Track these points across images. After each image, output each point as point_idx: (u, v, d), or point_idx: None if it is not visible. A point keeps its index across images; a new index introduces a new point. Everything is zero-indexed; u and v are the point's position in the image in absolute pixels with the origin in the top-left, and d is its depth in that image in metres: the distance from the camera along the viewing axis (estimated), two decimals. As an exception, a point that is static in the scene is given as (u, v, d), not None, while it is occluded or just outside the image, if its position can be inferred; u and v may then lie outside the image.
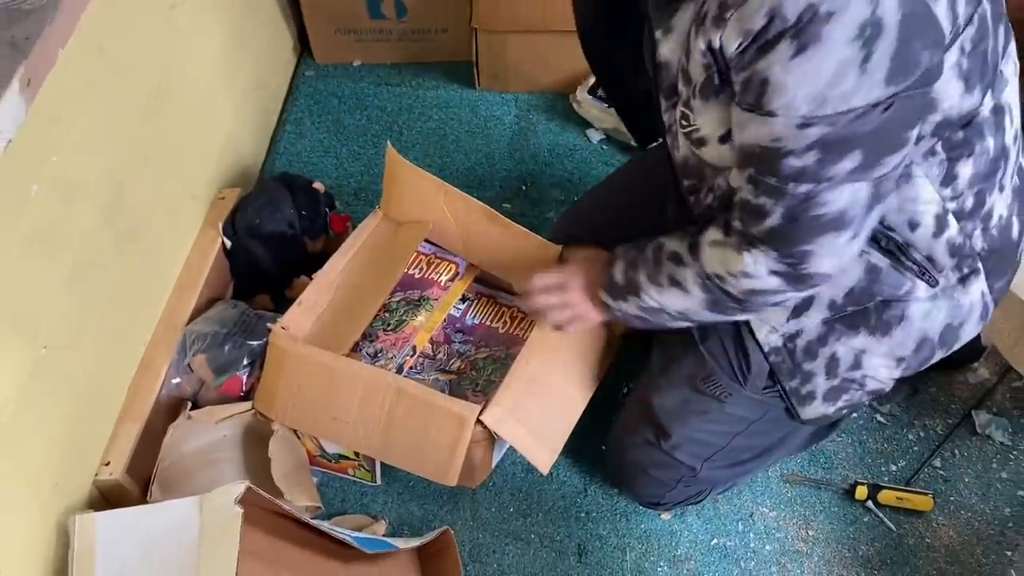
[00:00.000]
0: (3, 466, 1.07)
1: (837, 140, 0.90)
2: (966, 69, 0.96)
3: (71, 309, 1.21)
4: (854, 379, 1.21)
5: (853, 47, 0.84)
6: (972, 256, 1.13)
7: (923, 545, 1.41)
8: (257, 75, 1.87)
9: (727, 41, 0.91)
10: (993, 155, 1.06)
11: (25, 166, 1.07)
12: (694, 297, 1.11)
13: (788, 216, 0.97)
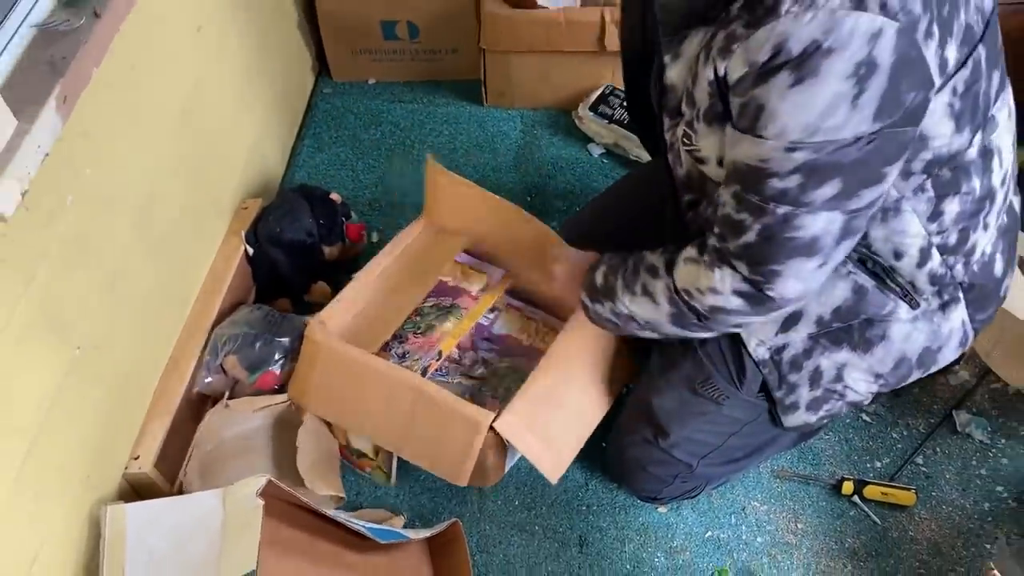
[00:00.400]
0: (38, 460, 1.07)
1: (820, 167, 0.91)
2: (958, 109, 0.96)
3: (103, 312, 1.21)
4: (835, 390, 1.22)
5: (848, 83, 0.85)
6: (953, 286, 1.14)
7: (906, 538, 1.41)
8: (278, 93, 1.87)
9: (732, 70, 0.92)
10: (979, 195, 1.07)
11: (61, 178, 1.08)
12: (661, 309, 1.12)
13: (764, 234, 0.97)
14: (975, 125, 1.00)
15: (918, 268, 1.10)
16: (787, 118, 0.88)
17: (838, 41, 0.84)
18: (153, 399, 1.37)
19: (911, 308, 1.15)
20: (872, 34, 0.83)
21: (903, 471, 1.48)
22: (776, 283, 1.00)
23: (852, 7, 0.83)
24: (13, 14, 1.07)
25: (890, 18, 0.83)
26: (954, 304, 1.17)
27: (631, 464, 1.41)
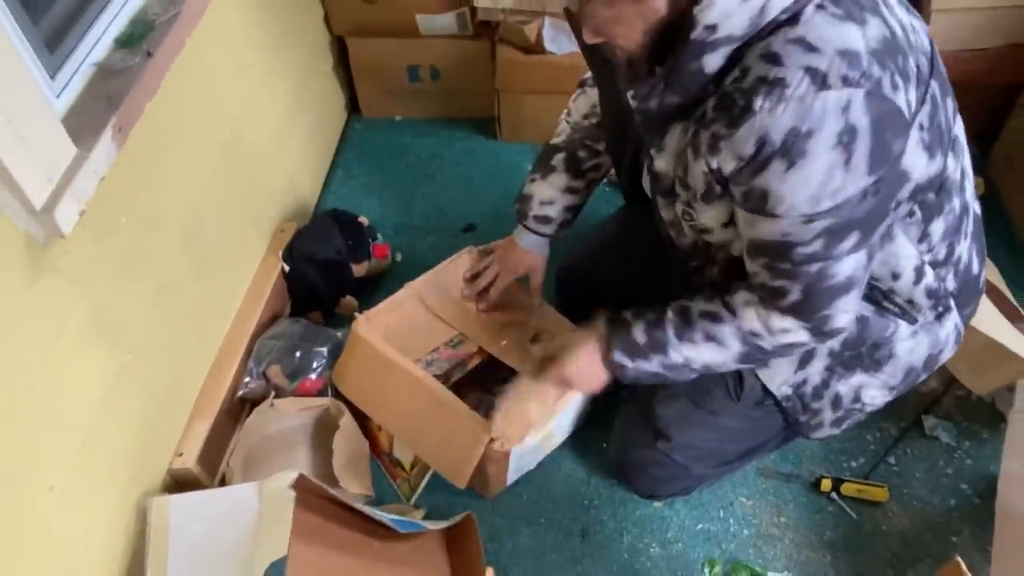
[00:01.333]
0: (91, 455, 1.07)
1: (838, 227, 0.91)
2: (927, 141, 0.96)
3: (152, 322, 1.21)
4: (855, 408, 1.23)
5: (835, 152, 0.85)
6: (946, 296, 1.15)
7: (880, 531, 1.39)
8: (314, 127, 1.88)
9: (723, 164, 0.92)
10: (959, 211, 1.08)
11: (115, 200, 1.08)
12: (730, 350, 1.09)
13: (806, 291, 0.98)
14: (943, 149, 1.00)
15: (915, 286, 1.11)
16: (792, 197, 0.89)
17: (813, 123, 0.84)
18: (197, 402, 1.37)
19: (910, 324, 1.16)
20: (842, 107, 0.83)
21: (876, 470, 1.46)
22: (831, 323, 1.02)
23: (818, 89, 0.83)
24: (76, 53, 1.08)
25: (854, 87, 0.83)
26: (948, 313, 1.17)
27: (632, 465, 1.39)
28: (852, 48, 0.83)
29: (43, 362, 0.96)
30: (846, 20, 0.85)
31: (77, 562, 1.05)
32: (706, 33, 0.85)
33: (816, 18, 0.84)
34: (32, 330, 0.94)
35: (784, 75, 0.83)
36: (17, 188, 0.87)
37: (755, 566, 1.35)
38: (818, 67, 0.83)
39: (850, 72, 0.83)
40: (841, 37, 0.84)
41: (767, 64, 0.84)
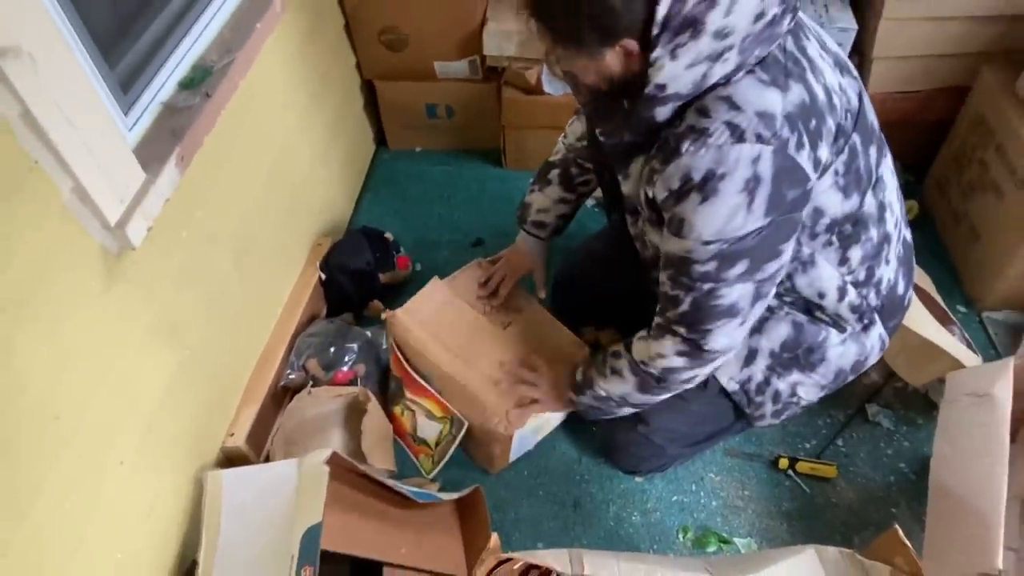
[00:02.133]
0: (155, 435, 1.08)
1: (730, 254, 0.93)
2: (843, 185, 0.98)
3: (208, 322, 1.21)
4: (792, 402, 1.23)
5: (741, 196, 0.88)
6: (869, 311, 1.15)
7: (830, 503, 1.39)
8: (347, 157, 1.89)
9: (657, 193, 0.94)
10: (877, 240, 1.08)
11: (178, 218, 1.08)
12: (628, 381, 1.13)
13: (694, 305, 0.99)
14: (862, 189, 1.01)
15: (839, 302, 1.11)
16: (701, 226, 0.90)
17: (727, 167, 0.86)
18: (245, 390, 1.37)
19: (840, 333, 1.16)
20: (753, 158, 0.85)
21: (827, 451, 1.46)
22: (709, 339, 1.02)
23: (735, 141, 0.85)
24: (145, 94, 1.09)
25: (765, 144, 0.85)
26: (872, 325, 1.17)
27: (617, 445, 1.40)
28: (769, 111, 0.86)
29: (115, 356, 0.97)
30: (770, 86, 0.87)
31: (142, 525, 1.06)
32: (656, 90, 0.87)
33: (745, 81, 0.87)
34: (106, 329, 0.95)
35: (709, 126, 0.86)
36: (95, 207, 0.88)
37: (722, 533, 1.35)
38: (738, 123, 0.85)
39: (763, 131, 0.85)
40: (762, 100, 0.86)
41: (698, 116, 0.87)
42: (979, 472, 1.11)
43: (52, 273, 0.84)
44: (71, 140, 0.82)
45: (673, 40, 0.82)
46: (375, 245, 1.66)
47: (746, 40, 0.84)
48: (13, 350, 0.79)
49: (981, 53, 1.68)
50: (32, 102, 0.76)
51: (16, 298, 0.79)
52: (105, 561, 0.97)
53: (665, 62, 0.84)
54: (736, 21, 0.82)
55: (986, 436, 1.15)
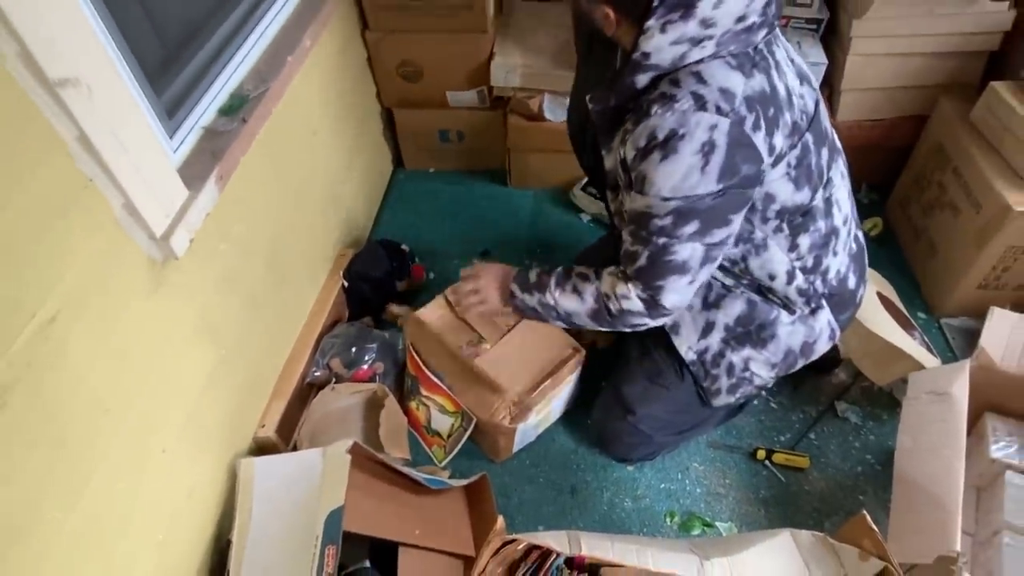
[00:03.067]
0: (194, 426, 1.08)
1: (685, 211, 0.93)
2: (794, 176, 0.99)
3: (243, 325, 1.21)
4: (745, 378, 1.22)
5: (696, 157, 0.89)
6: (817, 296, 1.15)
7: (803, 491, 1.38)
8: (368, 176, 1.89)
9: (627, 154, 0.95)
10: (825, 232, 1.09)
11: (217, 231, 1.09)
12: (585, 304, 1.08)
13: (650, 259, 0.98)
14: (813, 185, 1.02)
15: (787, 285, 1.11)
16: (660, 182, 0.91)
17: (687, 129, 0.88)
18: (275, 385, 1.37)
19: (790, 314, 1.16)
20: (711, 125, 0.87)
21: (800, 443, 1.45)
22: (662, 295, 1.01)
23: (697, 109, 0.87)
24: (188, 119, 1.10)
25: (723, 116, 0.87)
26: (820, 310, 1.17)
27: (609, 435, 1.39)
28: (731, 89, 0.88)
29: (159, 354, 0.97)
30: (735, 70, 0.89)
31: (182, 508, 1.06)
32: (641, 57, 0.89)
33: (715, 63, 0.89)
34: (152, 330, 0.95)
35: (676, 93, 0.89)
36: (143, 221, 0.88)
37: (705, 517, 1.34)
38: (702, 94, 0.88)
39: (723, 104, 0.87)
40: (726, 79, 0.88)
41: (669, 85, 0.90)
42: (939, 463, 1.11)
43: (104, 280, 0.84)
44: (122, 161, 0.82)
45: (667, 15, 0.85)
46: (393, 256, 1.66)
47: (725, 35, 0.87)
48: (69, 350, 0.79)
49: (939, 85, 1.69)
50: (87, 127, 0.76)
51: (71, 302, 0.79)
52: (148, 542, 0.97)
53: (655, 33, 0.87)
54: (721, 16, 0.85)
55: (945, 431, 1.14)
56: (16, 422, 0.72)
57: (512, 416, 1.29)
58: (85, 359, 0.82)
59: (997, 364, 1.27)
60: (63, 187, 0.77)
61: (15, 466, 0.73)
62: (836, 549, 0.99)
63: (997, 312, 1.31)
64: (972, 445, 1.29)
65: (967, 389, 1.18)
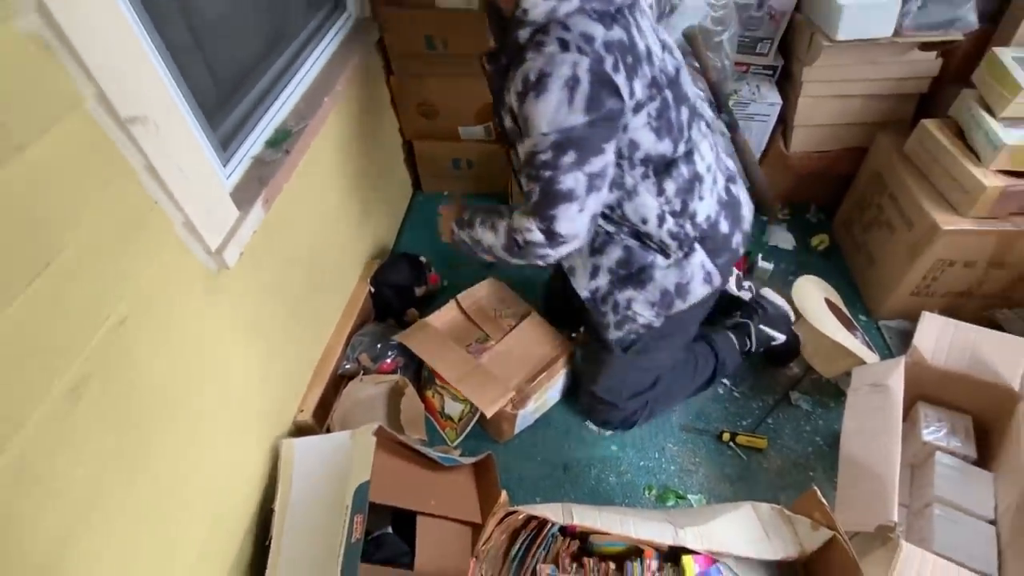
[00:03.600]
0: (244, 411, 1.07)
1: (561, 142, 0.90)
2: (655, 127, 0.97)
3: (284, 325, 1.21)
4: (629, 316, 1.18)
5: (563, 92, 0.87)
6: (688, 240, 1.11)
7: (762, 468, 1.37)
8: (391, 198, 1.89)
9: (512, 101, 0.93)
10: (688, 178, 1.05)
11: (263, 245, 1.08)
12: (500, 238, 1.05)
13: (541, 192, 0.95)
14: (673, 138, 1.00)
15: (659, 228, 1.08)
16: (538, 119, 0.89)
17: (552, 68, 0.86)
18: (312, 376, 1.36)
19: (665, 258, 1.12)
20: (574, 63, 0.86)
21: (760, 427, 1.44)
22: (555, 224, 0.96)
23: (560, 51, 0.86)
24: (240, 150, 1.10)
25: (583, 55, 0.86)
26: (692, 253, 1.12)
27: (587, 406, 1.40)
28: (591, 34, 0.87)
29: (213, 350, 0.97)
30: (596, 21, 0.89)
31: (235, 480, 1.05)
32: (521, 14, 0.89)
33: (579, 15, 0.88)
34: (207, 329, 0.95)
35: (544, 39, 0.87)
36: (200, 237, 0.88)
37: (679, 490, 1.34)
38: (565, 39, 0.87)
39: (583, 46, 0.86)
40: (587, 27, 0.88)
41: (541, 35, 0.88)
42: (878, 445, 1.10)
43: (166, 287, 0.84)
44: (183, 186, 0.82)
45: None
46: (412, 266, 1.65)
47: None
48: (136, 347, 0.78)
49: (876, 123, 1.69)
50: (154, 157, 0.76)
51: (139, 306, 0.78)
52: (204, 511, 0.96)
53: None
54: None
55: (883, 417, 1.13)
56: (91, 410, 0.72)
57: (513, 404, 1.29)
58: (150, 355, 0.81)
59: (928, 360, 1.26)
60: (133, 208, 0.76)
61: (92, 448, 0.72)
62: (791, 519, 0.98)
63: (927, 316, 1.31)
64: (907, 430, 1.28)
65: (902, 382, 1.17)
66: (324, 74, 1.36)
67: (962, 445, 1.24)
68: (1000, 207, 1.37)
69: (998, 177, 1.35)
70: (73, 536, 0.70)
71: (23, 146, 0.61)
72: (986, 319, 1.55)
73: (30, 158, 0.62)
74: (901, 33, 1.46)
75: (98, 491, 0.74)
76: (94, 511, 0.73)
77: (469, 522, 1.18)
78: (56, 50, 0.63)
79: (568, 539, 0.97)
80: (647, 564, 0.93)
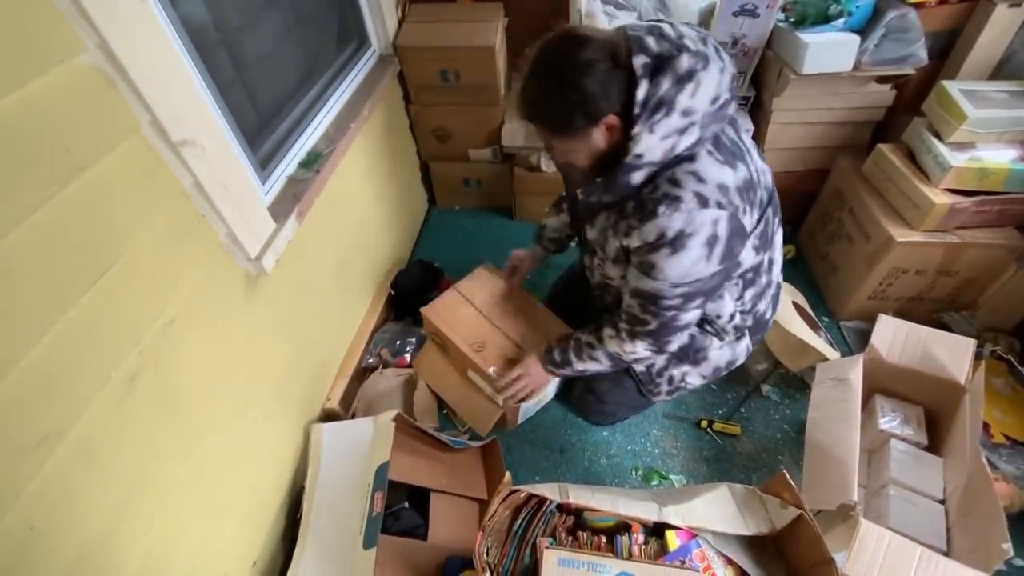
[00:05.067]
0: (277, 400, 1.07)
1: (692, 293, 0.89)
2: (757, 245, 0.95)
3: (315, 323, 1.21)
4: (680, 386, 1.20)
5: (703, 249, 0.83)
6: (743, 329, 1.13)
7: (736, 452, 1.36)
8: (409, 213, 1.88)
9: (631, 244, 0.89)
10: (764, 285, 1.05)
11: (296, 253, 1.08)
12: (603, 364, 1.08)
13: (661, 325, 0.95)
14: (764, 249, 0.98)
15: (728, 323, 1.09)
16: (669, 271, 0.85)
17: (695, 228, 0.81)
18: (339, 369, 1.36)
19: (720, 341, 1.13)
20: (714, 221, 0.81)
21: (734, 415, 1.43)
22: (668, 346, 1.00)
23: (700, 207, 0.80)
24: (276, 170, 1.09)
25: (723, 210, 0.81)
26: (743, 337, 1.15)
27: (586, 412, 1.39)
28: (726, 183, 0.81)
29: (252, 345, 0.97)
30: (724, 165, 0.82)
31: (268, 460, 1.05)
32: (635, 159, 0.82)
33: (706, 160, 0.82)
34: (247, 327, 0.95)
35: (681, 195, 0.81)
36: (241, 246, 0.88)
37: (662, 472, 1.32)
38: (703, 193, 0.80)
39: (722, 199, 0.81)
40: (720, 175, 0.81)
41: (671, 185, 0.82)
42: (840, 433, 1.09)
43: (211, 290, 0.84)
44: (227, 201, 0.82)
45: (651, 118, 0.77)
46: (428, 272, 1.65)
47: (705, 117, 0.79)
48: (184, 344, 0.78)
49: (837, 146, 1.67)
50: (201, 175, 0.76)
51: (186, 308, 0.78)
52: (243, 487, 0.96)
53: (644, 135, 0.78)
54: (698, 103, 0.78)
55: (844, 408, 1.12)
56: (144, 398, 0.72)
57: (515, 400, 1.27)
58: (196, 351, 0.81)
59: (884, 357, 1.25)
60: (182, 221, 0.76)
61: (144, 430, 0.72)
62: (763, 499, 0.97)
63: (883, 318, 1.30)
64: (865, 419, 1.27)
65: (861, 376, 1.16)
66: (350, 103, 1.36)
67: (914, 433, 1.22)
68: (947, 221, 1.36)
69: (946, 195, 1.34)
70: (128, 508, 0.70)
71: (84, 168, 0.61)
72: (935, 321, 1.53)
73: (91, 177, 0.62)
74: (860, 68, 1.46)
75: (150, 469, 0.74)
76: (148, 485, 0.73)
77: (477, 499, 1.17)
78: (116, 82, 0.64)
79: (564, 515, 0.96)
80: (635, 538, 0.92)
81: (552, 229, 1.34)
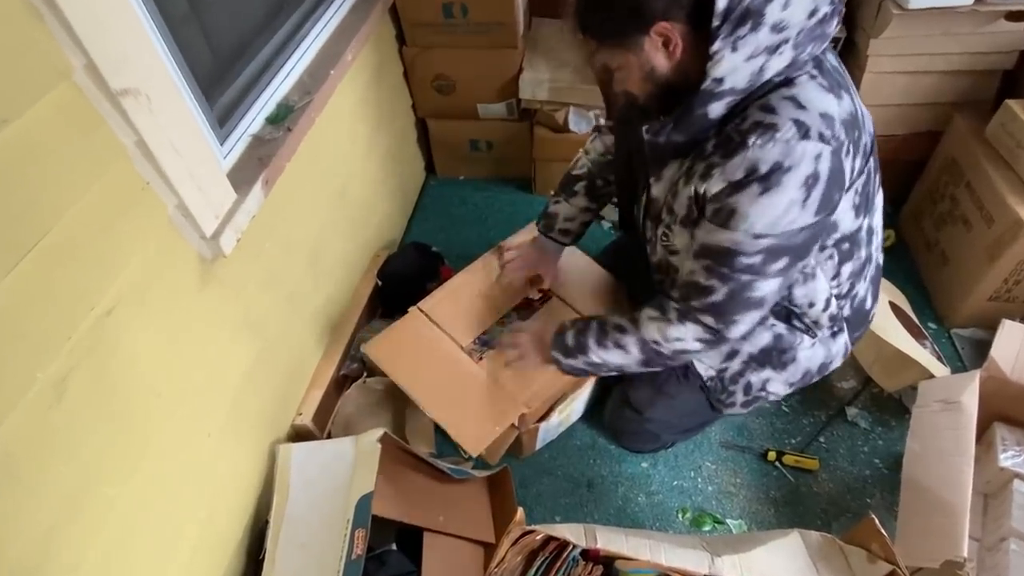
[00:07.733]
0: (237, 413, 1.09)
1: (777, 249, 0.86)
2: (856, 204, 0.93)
3: (284, 319, 1.22)
4: (761, 396, 1.18)
5: (800, 192, 0.81)
6: (841, 320, 1.11)
7: (812, 492, 1.35)
8: (402, 183, 1.90)
9: (711, 187, 0.86)
10: (863, 259, 1.03)
11: (262, 231, 1.10)
12: (632, 356, 1.04)
13: (729, 295, 0.91)
14: (865, 212, 0.96)
15: (823, 312, 1.07)
16: (755, 217, 0.83)
17: (793, 161, 0.79)
18: (312, 377, 1.38)
19: (811, 338, 1.11)
20: (816, 155, 0.79)
21: (810, 446, 1.42)
22: (732, 329, 0.96)
23: (800, 137, 0.79)
24: (238, 127, 1.11)
25: (826, 143, 0.79)
26: (840, 332, 1.13)
27: (621, 431, 1.39)
28: (830, 113, 0.80)
29: (207, 345, 0.98)
30: (829, 92, 0.81)
31: (227, 487, 1.07)
32: (714, 84, 0.80)
33: (808, 84, 0.80)
34: (201, 322, 0.96)
35: (776, 122, 0.79)
36: (194, 221, 0.89)
37: (716, 514, 1.32)
38: (804, 121, 0.79)
39: (825, 131, 0.79)
40: (824, 103, 0.80)
41: (764, 112, 0.80)
42: (948, 469, 1.08)
43: (158, 275, 0.85)
44: (176, 165, 0.83)
45: (734, 32, 0.75)
46: (424, 257, 1.66)
47: (800, 35, 0.77)
48: (125, 340, 0.80)
49: (953, 103, 1.64)
50: (146, 133, 0.78)
51: (129, 294, 0.80)
52: (193, 518, 0.98)
53: (725, 54, 0.76)
54: (792, 15, 0.75)
55: (954, 438, 1.11)
56: (76, 405, 0.73)
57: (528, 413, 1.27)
58: (140, 348, 0.83)
59: (1007, 375, 1.22)
60: (122, 189, 0.78)
61: (75, 445, 0.74)
62: (844, 551, 0.96)
63: (1008, 324, 1.27)
64: (980, 453, 1.25)
65: (977, 398, 1.14)
66: (330, 44, 1.37)
67: (1045, 472, 1.20)
68: (1096, 201, 1.33)
69: (1095, 166, 1.30)
70: (53, 540, 0.72)
71: (6, 120, 0.63)
72: (1077, 329, 1.50)
73: (11, 133, 0.63)
74: (984, 0, 1.42)
75: (82, 493, 0.76)
76: (80, 512, 0.75)
77: (481, 541, 1.18)
78: (43, 15, 0.65)
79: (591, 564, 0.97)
80: (679, 595, 0.92)
81: (564, 219, 1.32)
